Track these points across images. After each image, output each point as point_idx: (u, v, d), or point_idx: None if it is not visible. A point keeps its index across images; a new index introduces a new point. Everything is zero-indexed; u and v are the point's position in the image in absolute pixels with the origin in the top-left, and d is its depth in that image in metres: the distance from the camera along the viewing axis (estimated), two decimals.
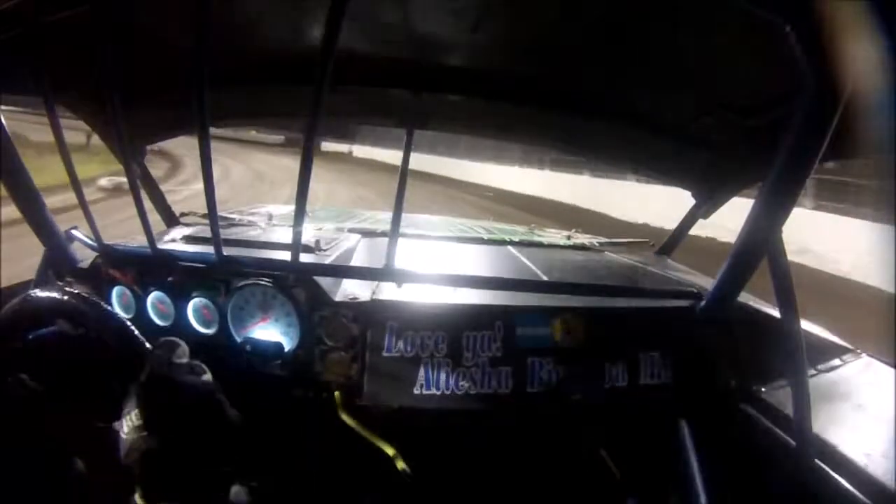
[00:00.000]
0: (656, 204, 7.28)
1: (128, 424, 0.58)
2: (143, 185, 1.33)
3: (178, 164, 11.77)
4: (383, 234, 1.37)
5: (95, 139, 1.21)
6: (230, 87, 1.00)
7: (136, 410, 0.58)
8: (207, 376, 0.64)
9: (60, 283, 1.00)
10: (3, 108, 1.06)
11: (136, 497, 0.57)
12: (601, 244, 1.60)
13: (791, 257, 0.78)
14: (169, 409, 0.59)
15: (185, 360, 0.64)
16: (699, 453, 0.98)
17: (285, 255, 0.87)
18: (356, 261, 1.13)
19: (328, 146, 21.81)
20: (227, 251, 0.89)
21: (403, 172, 0.92)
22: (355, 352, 0.90)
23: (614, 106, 1.06)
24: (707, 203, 1.34)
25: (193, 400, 0.61)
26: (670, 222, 1.61)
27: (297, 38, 0.88)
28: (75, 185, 0.90)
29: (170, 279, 0.95)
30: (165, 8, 0.76)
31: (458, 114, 1.17)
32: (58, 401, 0.67)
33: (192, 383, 0.61)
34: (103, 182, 7.00)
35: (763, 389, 0.93)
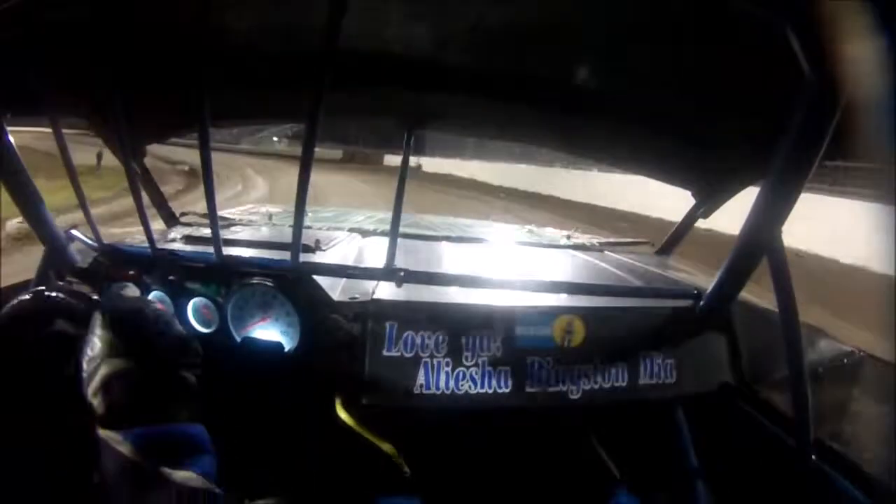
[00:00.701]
0: None
1: (85, 363, 0.60)
2: (142, 184, 1.33)
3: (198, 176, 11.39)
4: (383, 233, 1.37)
5: (105, 160, 1.22)
6: (230, 87, 1.00)
7: (90, 345, 0.60)
8: (156, 305, 0.67)
9: (60, 283, 1.00)
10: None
11: (98, 428, 0.57)
12: (601, 244, 1.60)
13: None
14: (120, 335, 0.61)
15: (133, 295, 0.73)
16: (699, 453, 0.98)
17: (285, 255, 0.87)
18: (356, 260, 1.13)
19: (394, 160, 20.26)
20: (227, 251, 0.89)
21: (403, 171, 0.92)
22: (355, 352, 0.90)
23: (615, 106, 1.06)
24: (707, 203, 1.34)
25: (141, 322, 0.63)
26: None
27: (298, 38, 0.88)
28: (75, 184, 0.91)
29: (170, 279, 0.95)
30: (165, 8, 0.76)
31: (458, 113, 1.17)
32: (58, 401, 0.67)
33: (138, 308, 0.65)
34: (9, 227, 4.58)
35: (763, 389, 0.94)
